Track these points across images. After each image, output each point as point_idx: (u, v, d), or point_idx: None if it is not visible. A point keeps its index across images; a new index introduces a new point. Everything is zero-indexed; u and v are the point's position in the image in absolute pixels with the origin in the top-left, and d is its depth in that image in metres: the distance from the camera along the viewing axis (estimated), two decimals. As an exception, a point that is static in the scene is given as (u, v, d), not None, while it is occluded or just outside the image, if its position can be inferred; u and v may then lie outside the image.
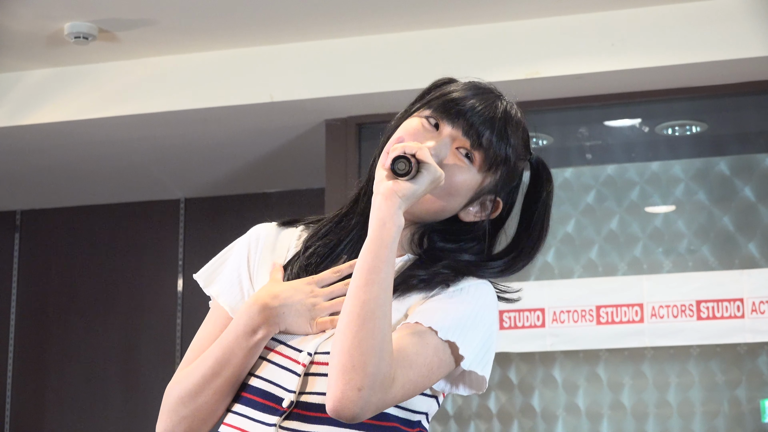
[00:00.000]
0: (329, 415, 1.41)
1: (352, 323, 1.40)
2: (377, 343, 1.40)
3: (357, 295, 1.42)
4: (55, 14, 4.08)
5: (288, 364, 1.52)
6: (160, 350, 5.76)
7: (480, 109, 1.57)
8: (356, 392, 1.38)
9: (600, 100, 4.33)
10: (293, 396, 1.50)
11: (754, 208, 4.55)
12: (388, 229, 1.44)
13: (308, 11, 4.09)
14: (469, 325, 1.51)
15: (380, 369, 1.39)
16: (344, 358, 1.39)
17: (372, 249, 1.44)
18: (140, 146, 4.97)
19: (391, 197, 1.45)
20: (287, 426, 1.49)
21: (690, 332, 4.31)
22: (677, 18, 4.04)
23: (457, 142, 1.56)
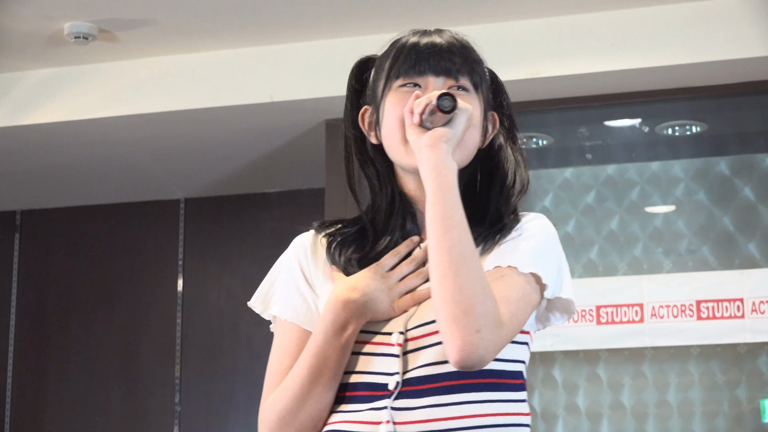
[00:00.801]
0: (456, 367, 1.43)
1: (447, 273, 1.42)
2: (477, 282, 1.42)
3: (441, 245, 1.44)
4: (55, 14, 4.08)
5: (383, 350, 1.54)
6: (160, 350, 5.76)
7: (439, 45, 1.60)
8: (476, 335, 1.40)
9: (600, 100, 4.32)
10: (398, 377, 1.51)
11: (754, 208, 4.55)
12: (445, 174, 1.47)
13: (308, 11, 4.09)
14: (542, 255, 1.56)
15: (488, 306, 1.42)
16: (452, 308, 1.41)
17: (438, 197, 1.46)
18: (140, 146, 4.97)
19: (436, 145, 1.48)
20: (398, 406, 1.50)
21: (690, 332, 4.31)
22: (677, 18, 4.04)
23: (446, 83, 1.59)
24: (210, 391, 5.68)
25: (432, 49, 1.59)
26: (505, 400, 1.54)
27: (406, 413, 1.49)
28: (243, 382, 5.64)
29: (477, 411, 1.50)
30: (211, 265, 5.83)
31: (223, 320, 5.75)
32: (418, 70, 1.58)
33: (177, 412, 5.70)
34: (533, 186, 5.44)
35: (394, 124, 1.58)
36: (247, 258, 5.74)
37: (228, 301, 5.77)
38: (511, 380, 1.56)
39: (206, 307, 5.79)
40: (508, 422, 1.54)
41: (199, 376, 5.71)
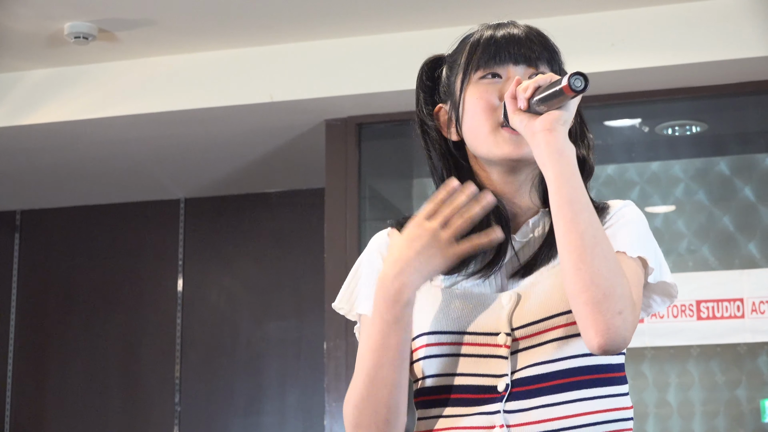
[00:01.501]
0: (597, 353, 1.40)
1: (583, 257, 1.39)
2: (613, 264, 1.40)
3: (572, 230, 1.41)
4: (55, 14, 4.08)
5: (489, 351, 1.50)
6: (160, 350, 5.76)
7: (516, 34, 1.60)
8: (619, 317, 1.38)
9: (600, 100, 4.33)
10: (507, 378, 1.48)
11: (754, 208, 4.55)
12: (567, 157, 1.44)
13: (308, 11, 4.09)
14: (645, 239, 1.54)
15: (626, 287, 1.40)
16: (592, 292, 1.38)
17: (563, 181, 1.43)
18: (140, 146, 4.97)
19: (554, 128, 1.44)
20: (510, 408, 1.47)
21: (690, 332, 4.31)
22: (677, 18, 4.03)
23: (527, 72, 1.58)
24: (210, 391, 5.68)
25: (509, 38, 1.59)
26: (612, 395, 1.51)
27: (519, 415, 1.46)
28: (243, 382, 5.64)
29: (588, 408, 1.47)
30: (211, 265, 5.83)
31: (223, 320, 5.75)
32: (497, 60, 1.57)
33: (177, 412, 5.70)
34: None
35: (480, 115, 1.55)
36: (247, 258, 5.74)
37: (228, 301, 5.77)
38: (616, 374, 1.53)
39: (206, 307, 5.79)
40: (616, 417, 1.50)
41: (199, 376, 5.71)
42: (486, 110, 1.55)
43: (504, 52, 1.57)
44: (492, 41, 1.59)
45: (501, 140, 1.53)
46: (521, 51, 1.57)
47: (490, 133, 1.54)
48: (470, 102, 1.56)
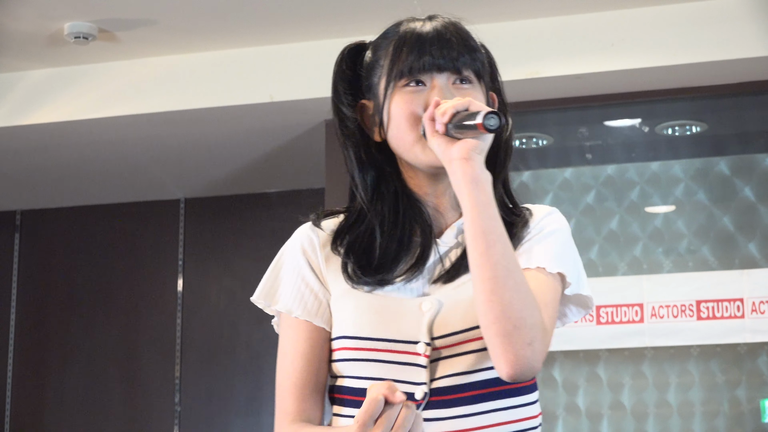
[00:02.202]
0: (507, 380, 1.42)
1: (495, 289, 1.40)
2: (524, 294, 1.41)
3: (486, 261, 1.41)
4: (55, 14, 4.08)
5: (408, 359, 1.50)
6: (160, 350, 5.76)
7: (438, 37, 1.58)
8: (529, 348, 1.39)
9: (600, 100, 4.32)
10: (425, 387, 1.48)
11: (754, 208, 4.55)
12: (482, 188, 1.43)
13: (308, 11, 4.09)
14: (565, 252, 1.55)
15: (536, 317, 1.41)
16: (503, 324, 1.39)
17: (478, 212, 1.42)
18: (140, 146, 4.97)
19: (470, 157, 1.43)
20: (426, 417, 1.47)
21: (690, 332, 4.31)
22: (677, 18, 4.04)
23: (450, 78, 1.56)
24: (210, 391, 5.68)
25: (432, 43, 1.57)
26: (523, 405, 1.53)
27: (435, 424, 1.48)
28: (243, 382, 5.64)
29: (500, 419, 1.50)
30: (211, 265, 5.83)
31: (223, 320, 5.75)
32: (420, 68, 1.55)
33: (177, 412, 5.70)
34: (533, 186, 5.44)
35: (405, 124, 1.54)
36: (247, 258, 5.74)
37: (228, 301, 5.77)
38: (530, 383, 1.54)
39: (206, 307, 5.79)
40: (525, 427, 1.53)
41: (199, 376, 5.71)
42: (410, 120, 1.53)
43: (427, 60, 1.55)
44: (414, 46, 1.57)
45: (426, 149, 1.52)
46: (444, 58, 1.56)
47: (415, 143, 1.53)
48: (395, 111, 1.55)
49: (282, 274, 1.61)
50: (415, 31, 1.60)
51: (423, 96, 1.54)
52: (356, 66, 1.67)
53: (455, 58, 1.56)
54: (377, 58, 1.62)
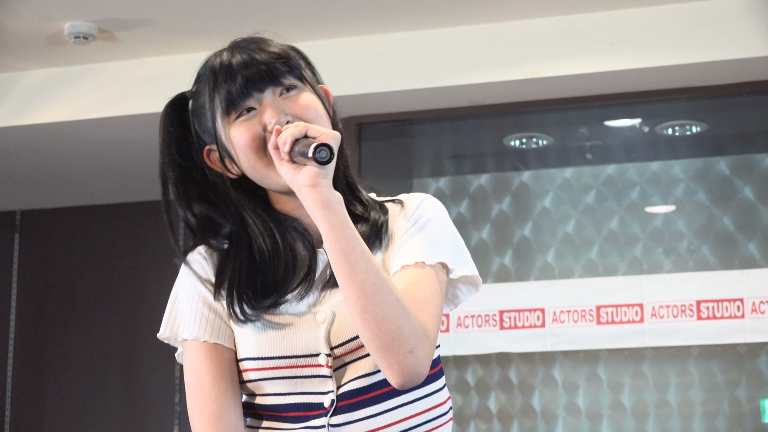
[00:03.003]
0: (398, 388, 1.45)
1: (366, 307, 1.42)
2: (397, 305, 1.42)
3: (352, 282, 1.42)
4: (55, 14, 4.08)
5: (312, 372, 1.53)
6: (160, 350, 5.74)
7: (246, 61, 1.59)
8: (411, 356, 1.42)
9: (600, 100, 4.33)
10: (332, 395, 1.52)
11: (754, 208, 4.55)
12: (333, 210, 1.44)
13: (308, 11, 4.09)
14: (442, 239, 1.55)
15: (414, 324, 1.43)
16: (381, 338, 1.41)
17: (334, 235, 1.43)
18: (140, 146, 4.97)
19: (317, 183, 1.44)
20: (336, 422, 1.51)
21: (690, 332, 4.31)
22: (677, 18, 4.04)
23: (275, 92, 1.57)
24: (210, 391, 5.68)
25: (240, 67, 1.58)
26: (431, 393, 1.56)
27: (344, 428, 1.51)
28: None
29: (411, 412, 1.53)
30: (211, 265, 5.83)
31: (223, 320, 5.75)
32: (242, 96, 1.56)
33: (177, 412, 5.71)
34: (533, 186, 5.44)
35: (252, 154, 1.54)
36: (247, 258, 5.74)
37: (228, 301, 5.77)
38: (433, 370, 1.56)
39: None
40: (435, 415, 1.56)
41: (199, 376, 5.71)
42: (255, 147, 1.54)
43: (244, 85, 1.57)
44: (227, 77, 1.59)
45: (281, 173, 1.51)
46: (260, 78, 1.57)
47: (268, 169, 1.54)
48: (238, 144, 1.56)
49: (181, 304, 1.67)
50: (222, 64, 1.62)
51: (257, 119, 1.55)
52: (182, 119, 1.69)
53: (269, 71, 1.57)
54: (201, 104, 1.63)
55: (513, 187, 4.80)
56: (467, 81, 4.17)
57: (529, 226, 4.76)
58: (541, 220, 4.74)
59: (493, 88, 4.21)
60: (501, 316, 4.46)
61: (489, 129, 4.75)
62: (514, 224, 4.77)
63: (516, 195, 4.79)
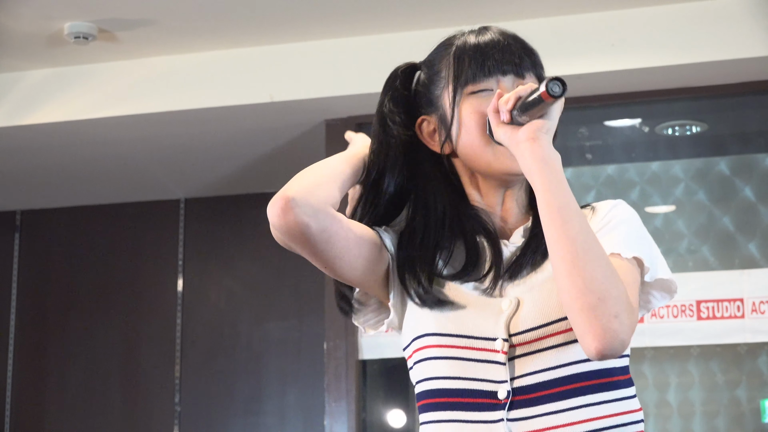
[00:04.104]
0: (595, 358, 1.40)
1: (576, 263, 1.39)
2: (606, 268, 1.40)
3: (563, 237, 1.40)
4: (55, 14, 4.08)
5: (486, 356, 1.50)
6: (160, 350, 5.76)
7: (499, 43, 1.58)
8: (616, 320, 1.38)
9: (600, 100, 4.32)
10: (507, 385, 1.48)
11: (754, 208, 4.55)
12: (552, 165, 1.43)
13: (308, 11, 4.09)
14: (638, 238, 1.54)
15: (621, 290, 1.40)
16: (587, 298, 1.38)
17: (552, 188, 1.42)
18: (140, 146, 4.97)
19: (537, 137, 1.44)
20: (514, 417, 1.47)
21: (690, 332, 4.31)
22: (677, 18, 4.04)
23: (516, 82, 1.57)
24: (210, 391, 5.68)
25: (493, 49, 1.57)
26: (618, 399, 1.52)
27: (522, 423, 1.47)
28: (243, 382, 5.64)
29: (594, 414, 1.48)
30: (211, 265, 5.83)
31: (223, 320, 5.74)
32: (485, 73, 1.56)
33: (177, 412, 5.70)
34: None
35: (476, 131, 1.55)
36: (247, 258, 5.74)
37: (228, 301, 5.77)
38: (619, 377, 1.53)
39: (206, 307, 5.79)
40: (625, 421, 1.51)
41: (199, 376, 5.71)
42: (482, 123, 1.55)
43: (491, 65, 1.56)
44: (476, 53, 1.58)
45: (498, 154, 1.54)
46: (507, 62, 1.57)
47: (486, 147, 1.55)
48: (465, 117, 1.56)
49: None
50: (472, 41, 1.60)
51: (490, 101, 1.54)
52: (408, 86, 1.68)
53: (517, 61, 1.57)
54: (437, 71, 1.62)
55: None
56: (467, 81, 4.17)
57: (529, 226, 4.76)
58: (541, 220, 4.74)
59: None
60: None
61: (489, 129, 4.75)
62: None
63: (516, 195, 4.79)
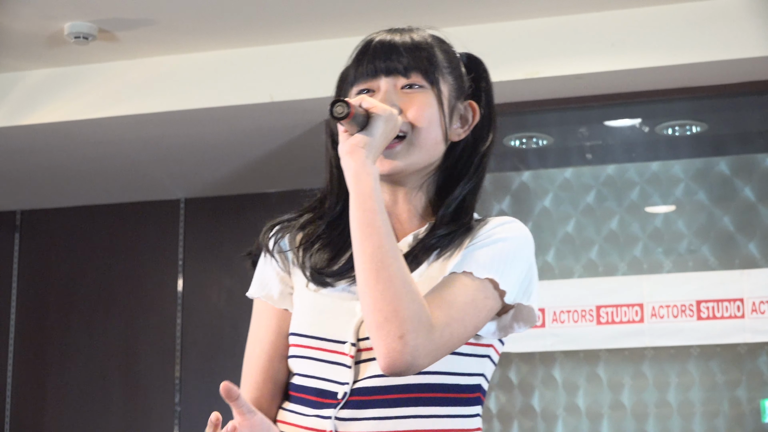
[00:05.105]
0: (385, 373, 1.40)
1: (368, 279, 1.40)
2: (399, 287, 1.39)
3: (362, 252, 1.42)
4: (55, 14, 4.08)
5: (335, 358, 1.53)
6: (160, 350, 5.76)
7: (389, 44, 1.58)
8: (399, 341, 1.38)
9: (600, 100, 4.32)
10: (347, 387, 1.51)
11: (754, 208, 4.55)
12: (363, 180, 1.44)
13: (308, 11, 4.09)
14: (504, 260, 1.51)
15: (413, 310, 1.39)
16: (375, 315, 1.39)
17: (357, 204, 1.43)
18: (140, 146, 4.97)
19: (353, 151, 1.45)
20: (343, 416, 1.50)
21: (690, 332, 4.31)
22: (677, 18, 4.04)
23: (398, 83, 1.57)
24: (210, 391, 5.68)
25: (381, 49, 1.58)
26: (454, 416, 1.52)
27: (350, 423, 1.49)
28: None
29: (422, 426, 1.49)
30: (211, 265, 5.83)
31: (223, 320, 5.75)
32: (369, 73, 1.58)
33: (177, 412, 5.70)
34: (533, 186, 5.44)
35: None
36: (247, 258, 5.73)
37: (228, 301, 5.77)
38: (464, 394, 1.53)
39: (206, 307, 5.79)
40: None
41: (199, 376, 5.71)
42: None
43: (375, 63, 1.58)
44: (366, 54, 1.60)
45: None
46: (387, 63, 1.57)
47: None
48: None
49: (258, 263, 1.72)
50: (370, 41, 1.62)
51: None
52: None
53: (400, 62, 1.57)
54: (347, 72, 1.66)
55: (513, 187, 4.80)
56: (467, 81, 4.17)
57: (529, 226, 4.74)
58: (541, 220, 4.74)
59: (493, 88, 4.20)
60: (501, 316, 4.46)
61: (489, 129, 4.75)
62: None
63: (516, 195, 4.79)
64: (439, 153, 1.60)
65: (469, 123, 1.64)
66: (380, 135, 1.47)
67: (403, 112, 1.55)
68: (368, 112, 1.47)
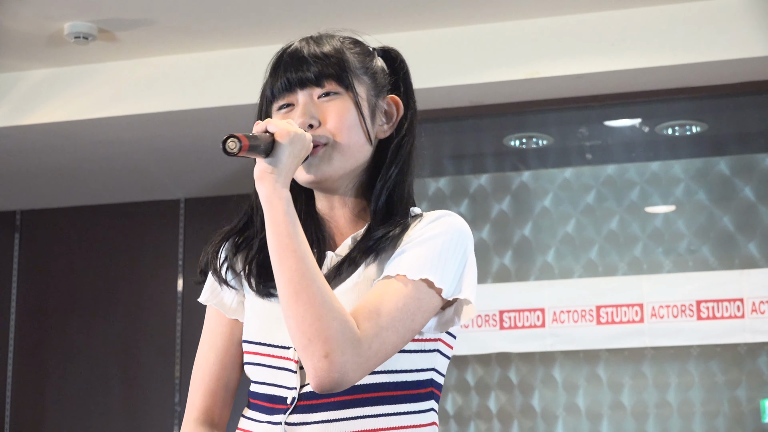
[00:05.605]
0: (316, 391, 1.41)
1: (289, 302, 1.41)
2: (319, 307, 1.39)
3: (280, 276, 1.43)
4: (55, 14, 4.08)
5: (283, 364, 1.55)
6: (160, 350, 5.76)
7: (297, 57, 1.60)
8: (325, 360, 1.38)
9: (600, 100, 4.32)
10: (294, 392, 1.52)
11: (754, 208, 4.55)
12: (275, 204, 1.46)
13: (308, 11, 4.09)
14: (437, 258, 1.50)
15: (335, 329, 1.39)
16: (300, 337, 1.40)
17: (272, 229, 1.45)
18: (140, 146, 4.97)
19: (263, 177, 1.49)
20: (293, 421, 1.51)
21: (690, 332, 4.31)
22: (677, 18, 4.04)
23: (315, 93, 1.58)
24: (210, 391, 5.68)
25: (290, 62, 1.60)
26: (404, 412, 1.52)
27: (300, 428, 1.50)
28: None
29: (372, 425, 1.50)
30: (211, 265, 5.83)
31: (223, 320, 5.74)
32: (284, 88, 1.59)
33: (177, 412, 5.70)
34: (533, 186, 5.43)
35: None
36: (247, 258, 5.74)
37: (228, 301, 5.77)
38: (414, 390, 1.53)
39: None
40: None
41: (199, 376, 5.71)
42: None
43: (287, 78, 1.59)
44: (278, 70, 1.61)
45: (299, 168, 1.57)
46: (298, 76, 1.59)
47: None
48: None
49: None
50: (281, 55, 1.64)
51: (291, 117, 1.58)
52: None
53: (310, 73, 1.58)
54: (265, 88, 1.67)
55: (513, 187, 4.80)
56: (467, 81, 4.17)
57: (529, 226, 4.76)
58: (541, 220, 4.74)
59: (493, 88, 4.21)
60: (501, 316, 4.46)
61: (489, 129, 4.75)
62: (514, 224, 4.77)
63: (516, 195, 4.79)
64: (366, 154, 1.60)
65: (393, 118, 1.65)
66: (287, 158, 1.48)
67: (321, 123, 1.56)
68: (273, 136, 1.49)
